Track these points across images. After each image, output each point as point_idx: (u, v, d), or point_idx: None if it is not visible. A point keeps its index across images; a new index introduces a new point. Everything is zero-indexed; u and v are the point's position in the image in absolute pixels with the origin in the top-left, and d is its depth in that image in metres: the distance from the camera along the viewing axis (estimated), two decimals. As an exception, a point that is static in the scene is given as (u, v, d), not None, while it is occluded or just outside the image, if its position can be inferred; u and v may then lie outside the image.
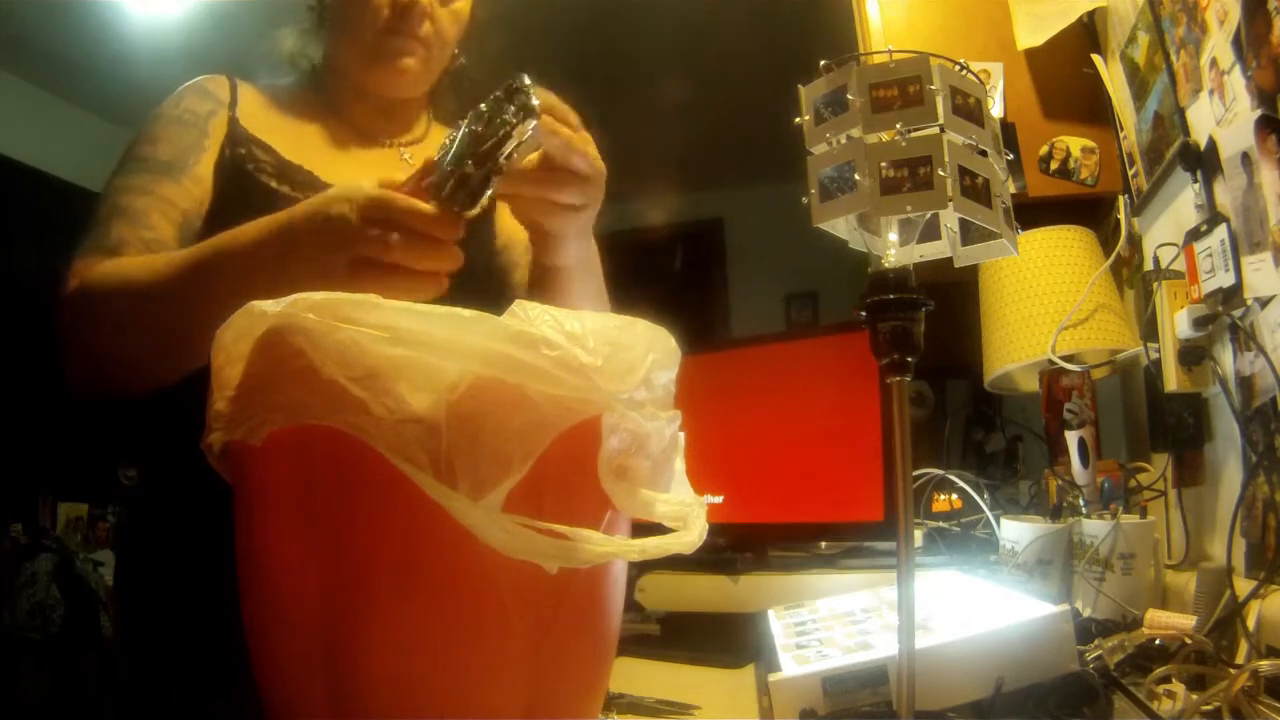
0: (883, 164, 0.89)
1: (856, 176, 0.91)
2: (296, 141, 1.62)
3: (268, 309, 0.82)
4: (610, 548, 0.80)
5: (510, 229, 1.76)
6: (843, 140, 0.94)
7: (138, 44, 5.15)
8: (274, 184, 1.53)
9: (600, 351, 0.83)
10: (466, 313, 0.80)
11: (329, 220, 1.11)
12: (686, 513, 0.91)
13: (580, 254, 1.45)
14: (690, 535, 0.90)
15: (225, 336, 0.87)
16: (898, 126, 0.90)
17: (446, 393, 0.77)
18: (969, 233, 1.03)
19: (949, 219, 0.99)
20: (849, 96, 0.93)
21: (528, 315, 0.82)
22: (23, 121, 5.81)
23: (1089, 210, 2.53)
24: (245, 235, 1.20)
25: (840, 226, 1.00)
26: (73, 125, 6.13)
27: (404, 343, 0.78)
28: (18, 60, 5.58)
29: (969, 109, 0.92)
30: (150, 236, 1.42)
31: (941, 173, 0.87)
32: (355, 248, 1.09)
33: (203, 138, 1.54)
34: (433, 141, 1.78)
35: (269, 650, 0.88)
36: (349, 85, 1.69)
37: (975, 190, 0.90)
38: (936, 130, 0.89)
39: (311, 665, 0.83)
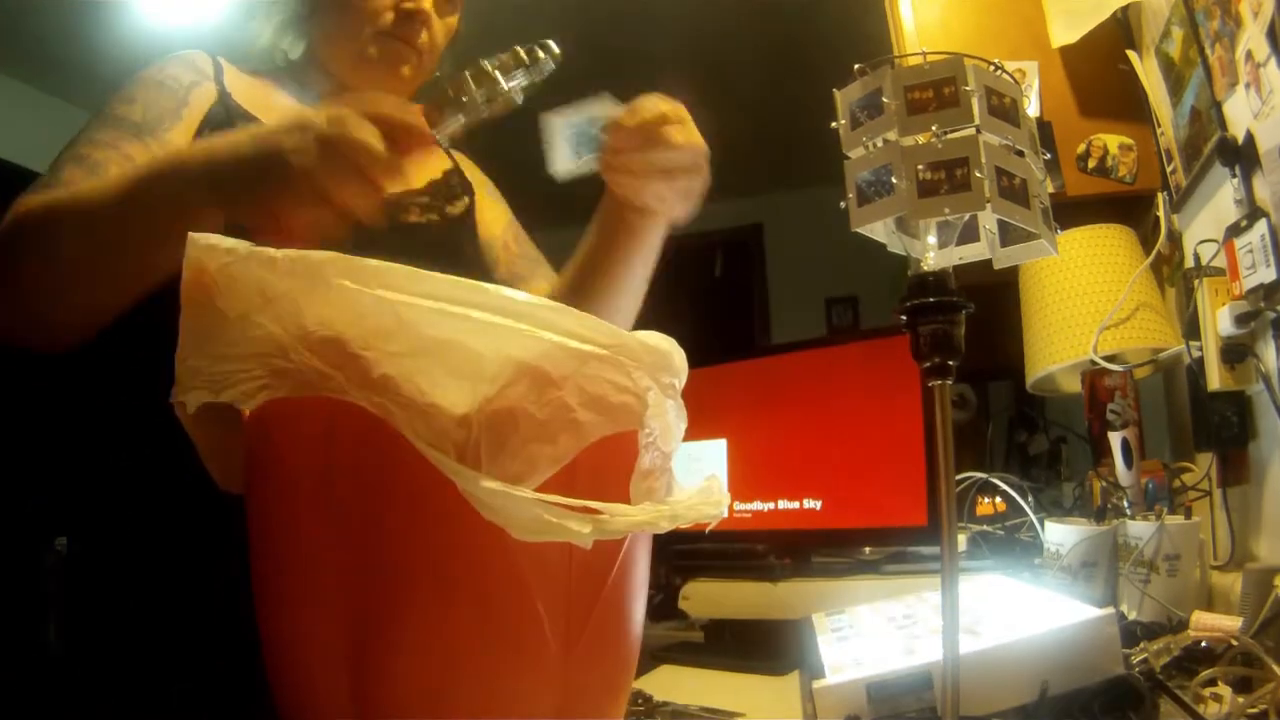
0: (919, 166, 0.89)
1: (894, 180, 0.90)
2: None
3: (276, 257, 0.80)
4: (643, 516, 0.80)
5: (488, 225, 1.78)
6: (879, 144, 0.94)
7: (150, 50, 5.21)
8: None
9: (645, 360, 0.83)
10: (521, 295, 0.80)
11: (306, 126, 1.09)
12: (707, 497, 0.90)
13: (660, 234, 1.51)
14: (719, 504, 0.89)
15: (212, 279, 0.82)
16: (934, 128, 0.89)
17: (485, 384, 0.76)
18: (1007, 234, 1.02)
19: (987, 220, 0.99)
20: (884, 99, 0.92)
21: (576, 315, 0.81)
22: (23, 123, 5.85)
23: (1128, 208, 2.52)
24: (213, 143, 1.17)
25: (879, 230, 0.99)
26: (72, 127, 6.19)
27: (448, 319, 0.77)
28: (19, 62, 5.63)
29: (1004, 109, 0.92)
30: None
31: (979, 174, 0.86)
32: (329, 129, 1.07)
33: (181, 106, 1.47)
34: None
35: (289, 647, 0.87)
36: (334, 84, 1.65)
37: (1013, 191, 0.89)
38: (973, 131, 0.89)
39: (335, 665, 0.82)
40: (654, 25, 4.88)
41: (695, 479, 0.94)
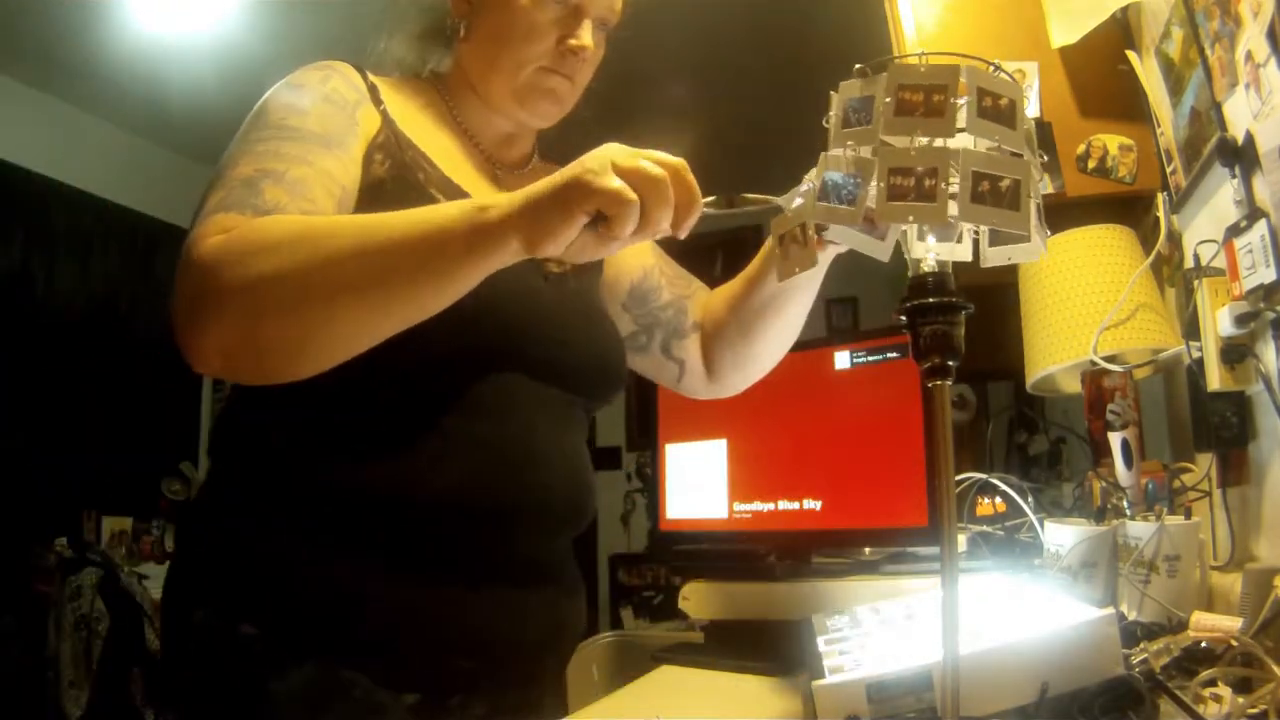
0: (890, 170, 0.89)
1: (866, 180, 0.91)
2: (440, 153, 1.56)
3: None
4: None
5: (632, 257, 1.83)
6: (864, 151, 0.94)
7: (150, 51, 5.25)
8: (443, 199, 1.44)
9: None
10: None
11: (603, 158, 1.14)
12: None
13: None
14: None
15: None
16: (915, 135, 0.90)
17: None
18: (998, 233, 1.02)
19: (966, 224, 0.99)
20: (877, 104, 0.92)
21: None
22: (23, 123, 5.86)
23: (1128, 208, 2.51)
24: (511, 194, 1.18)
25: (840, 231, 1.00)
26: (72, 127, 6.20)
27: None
28: (19, 62, 5.64)
29: (1000, 111, 0.92)
30: (310, 209, 1.27)
31: (943, 185, 0.86)
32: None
33: (353, 125, 1.43)
34: (538, 173, 1.71)
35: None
36: (483, 107, 1.64)
37: (997, 194, 0.89)
38: (946, 144, 0.89)
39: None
40: (655, 26, 4.87)
41: (695, 480, 0.95)
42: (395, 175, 1.43)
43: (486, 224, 1.15)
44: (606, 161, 1.12)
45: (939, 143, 0.89)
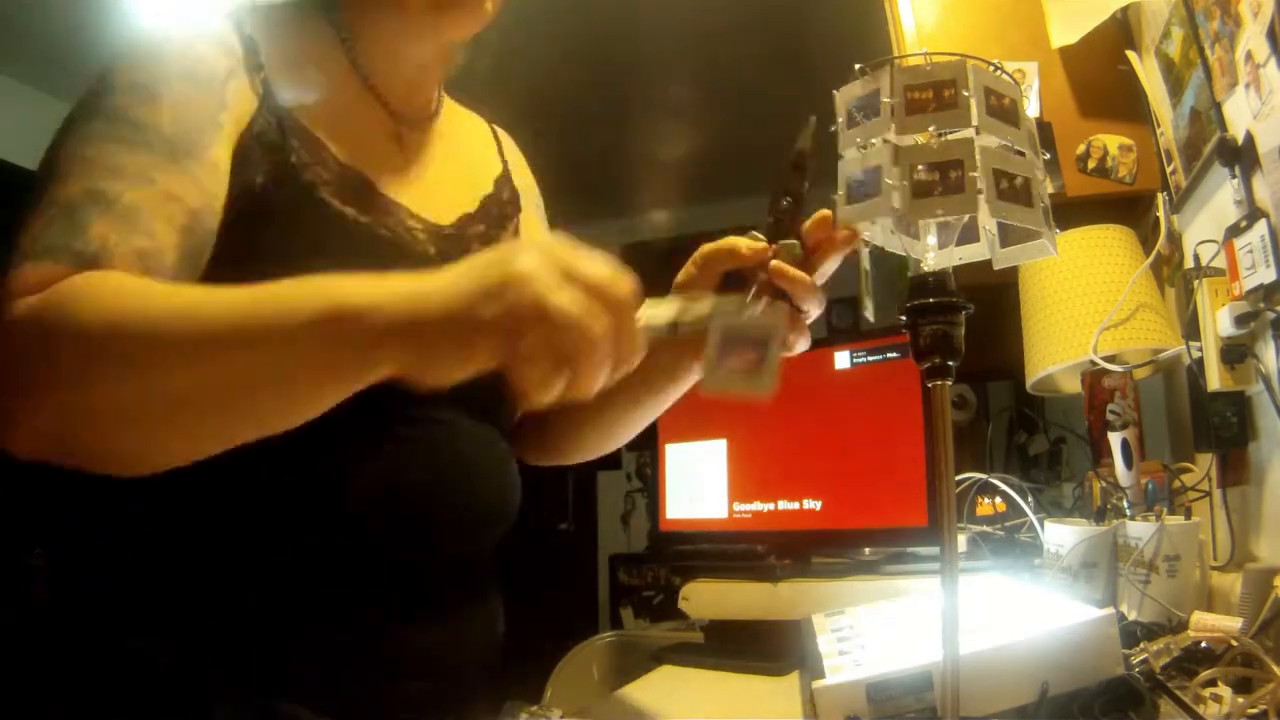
0: (919, 167, 0.89)
1: (887, 180, 0.90)
2: (335, 124, 1.26)
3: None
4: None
5: None
6: (874, 144, 0.94)
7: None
8: (338, 203, 1.20)
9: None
10: None
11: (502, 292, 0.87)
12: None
13: None
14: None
15: None
16: (931, 129, 0.89)
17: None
18: (1008, 234, 1.02)
19: (987, 221, 0.99)
20: (882, 99, 0.92)
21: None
22: (23, 123, 5.85)
23: (1128, 208, 2.51)
24: (380, 290, 0.91)
25: (876, 231, 1.00)
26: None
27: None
28: (19, 62, 5.63)
29: (1004, 110, 0.92)
30: (147, 246, 1.03)
31: (973, 174, 0.86)
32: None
33: (220, 110, 1.14)
34: (447, 120, 1.51)
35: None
36: (392, 36, 1.33)
37: (1013, 191, 0.89)
38: (969, 134, 0.89)
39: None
40: (656, 28, 4.88)
41: (695, 480, 0.94)
42: (278, 179, 1.17)
43: (347, 340, 0.90)
44: (556, 270, 0.88)
45: (960, 134, 0.90)
